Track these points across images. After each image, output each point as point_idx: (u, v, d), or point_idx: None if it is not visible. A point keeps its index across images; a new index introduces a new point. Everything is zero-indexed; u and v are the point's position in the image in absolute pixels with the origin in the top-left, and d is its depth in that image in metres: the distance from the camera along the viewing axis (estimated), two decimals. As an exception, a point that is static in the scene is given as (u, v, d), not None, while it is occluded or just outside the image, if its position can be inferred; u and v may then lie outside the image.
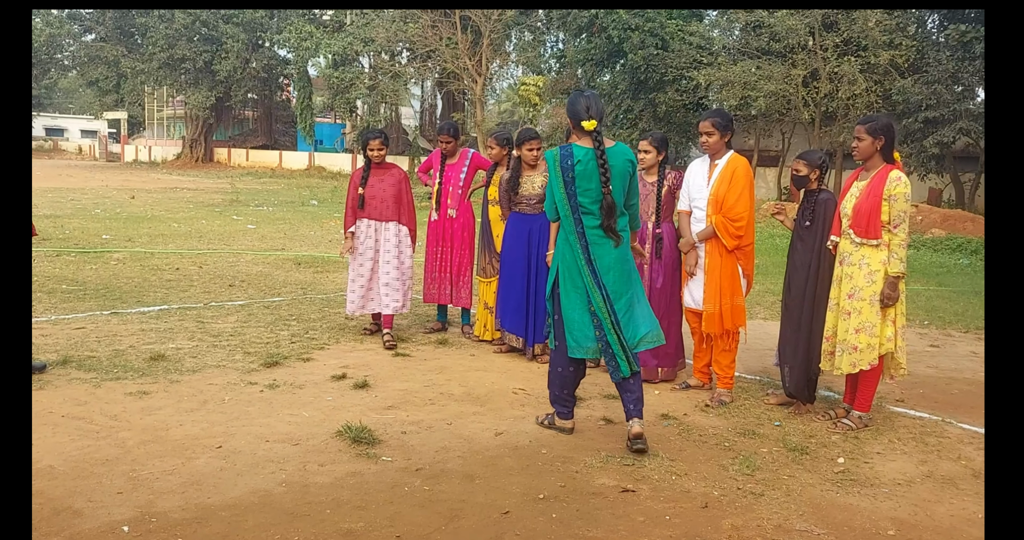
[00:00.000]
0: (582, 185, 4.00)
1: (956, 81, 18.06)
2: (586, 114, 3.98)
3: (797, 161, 4.83)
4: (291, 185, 28.60)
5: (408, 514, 3.25)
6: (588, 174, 3.98)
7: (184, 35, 36.84)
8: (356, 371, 5.23)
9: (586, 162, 3.98)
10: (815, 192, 4.78)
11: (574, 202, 4.02)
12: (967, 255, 13.85)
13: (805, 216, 4.76)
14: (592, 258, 4.05)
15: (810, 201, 4.77)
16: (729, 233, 4.84)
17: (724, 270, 4.90)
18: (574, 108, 4.03)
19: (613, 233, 4.04)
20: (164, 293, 7.72)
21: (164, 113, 48.48)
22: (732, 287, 4.91)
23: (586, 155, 3.99)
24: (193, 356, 5.45)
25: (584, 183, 3.99)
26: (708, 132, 4.93)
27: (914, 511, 3.47)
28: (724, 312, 4.91)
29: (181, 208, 17.80)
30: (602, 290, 4.05)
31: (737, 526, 3.26)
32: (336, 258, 10.52)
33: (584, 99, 4.04)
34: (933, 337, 7.23)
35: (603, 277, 4.05)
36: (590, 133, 4.00)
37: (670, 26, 23.06)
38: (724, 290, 4.90)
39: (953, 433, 4.53)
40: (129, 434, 3.98)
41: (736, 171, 4.87)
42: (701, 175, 5.01)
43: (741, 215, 4.81)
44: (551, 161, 4.09)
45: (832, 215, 4.67)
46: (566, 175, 4.01)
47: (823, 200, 4.72)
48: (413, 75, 34.63)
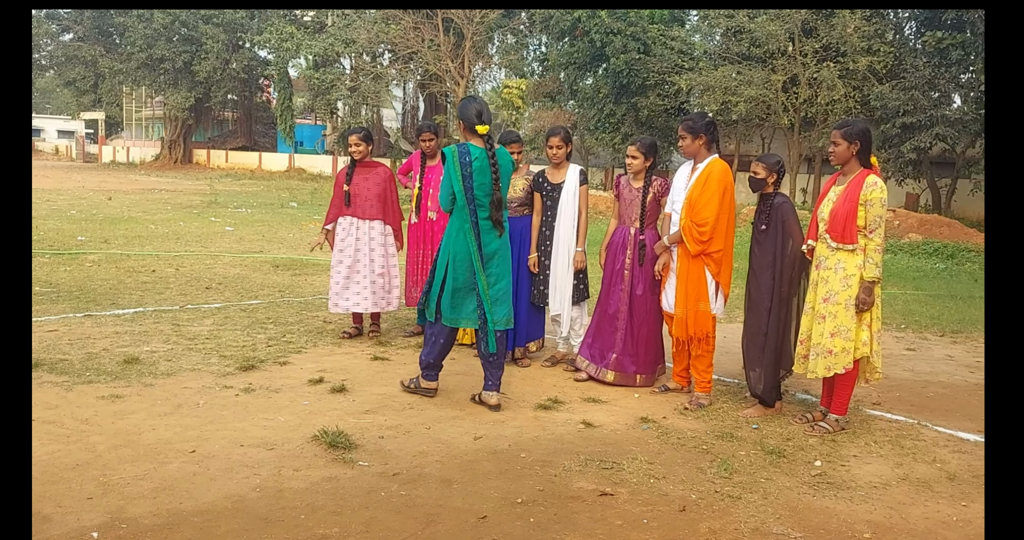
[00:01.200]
0: (478, 180, 4.54)
1: (932, 87, 18.28)
2: (478, 119, 4.56)
3: (755, 164, 4.85)
4: (271, 187, 28.41)
5: (384, 519, 3.21)
6: (482, 170, 4.55)
7: (163, 35, 36.53)
8: (334, 375, 5.19)
9: (482, 160, 4.55)
10: (771, 196, 4.82)
11: (470, 195, 4.55)
12: (943, 259, 13.99)
13: (761, 220, 4.79)
14: (482, 246, 4.61)
15: (766, 205, 4.80)
16: (693, 238, 4.82)
17: (691, 274, 4.89)
18: (467, 113, 4.59)
19: (499, 225, 4.64)
20: (139, 295, 7.63)
21: (143, 114, 48.05)
22: (697, 292, 4.89)
23: (482, 154, 4.56)
24: (168, 359, 5.38)
25: (479, 178, 4.54)
26: (681, 136, 4.95)
27: (890, 514, 3.49)
28: (689, 317, 4.91)
29: (159, 210, 17.63)
30: (486, 274, 4.62)
31: (714, 529, 3.25)
32: (315, 261, 10.45)
33: (476, 105, 4.60)
34: (909, 341, 7.29)
35: (487, 263, 4.62)
36: (483, 136, 4.58)
37: (652, 31, 23.18)
38: (689, 294, 4.90)
39: (929, 436, 4.57)
40: (100, 438, 3.91)
41: (711, 175, 4.83)
42: (683, 178, 5.01)
43: (706, 220, 4.77)
44: (450, 157, 4.57)
45: (788, 218, 4.71)
46: (464, 170, 4.53)
47: (778, 204, 4.76)
48: (395, 77, 34.57)
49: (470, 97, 4.75)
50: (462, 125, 4.64)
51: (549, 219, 5.65)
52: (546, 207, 5.67)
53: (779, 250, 4.71)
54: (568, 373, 5.54)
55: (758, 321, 4.79)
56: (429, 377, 4.88)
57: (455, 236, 4.64)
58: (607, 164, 28.31)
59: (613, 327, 5.26)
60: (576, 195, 5.58)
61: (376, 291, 6.17)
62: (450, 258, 4.64)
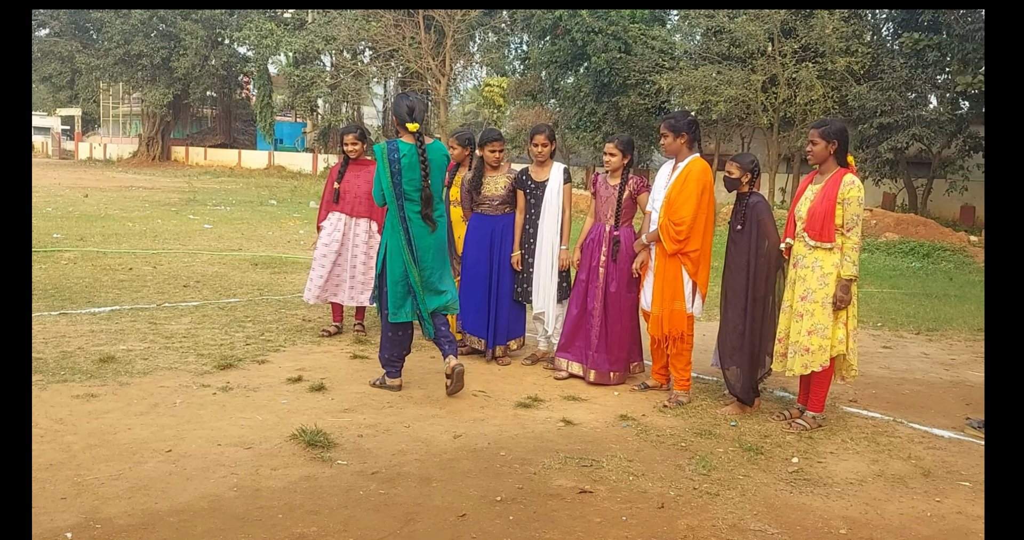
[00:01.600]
0: (407, 175, 4.64)
1: (909, 88, 18.47)
2: (409, 117, 4.62)
3: (730, 164, 4.87)
4: (250, 184, 28.19)
5: (362, 518, 3.20)
6: (412, 166, 4.63)
7: (141, 31, 36.11)
8: (312, 374, 5.16)
9: (410, 156, 4.63)
10: (747, 195, 4.84)
11: (399, 190, 4.66)
12: (919, 258, 14.16)
13: (736, 219, 4.82)
14: (411, 239, 4.71)
15: (741, 204, 4.82)
16: (670, 237, 4.81)
17: (667, 273, 4.89)
18: (399, 110, 4.67)
19: (430, 220, 4.72)
20: (116, 293, 7.55)
21: (120, 110, 47.52)
22: (673, 291, 4.89)
23: (410, 150, 4.64)
24: (144, 358, 5.33)
25: (408, 174, 4.64)
26: (663, 134, 4.95)
27: (865, 510, 3.52)
28: (665, 316, 4.91)
29: (136, 207, 17.44)
30: (418, 267, 4.73)
31: (693, 526, 3.27)
32: (294, 259, 10.39)
33: (408, 102, 4.66)
34: (886, 339, 7.37)
35: (419, 257, 4.73)
36: (413, 133, 4.65)
37: (633, 30, 23.25)
38: (665, 293, 4.90)
39: (904, 433, 4.62)
40: (75, 438, 3.87)
41: (690, 174, 4.83)
42: (663, 176, 5.01)
43: (683, 219, 4.76)
44: (379, 154, 4.69)
45: (763, 218, 4.74)
46: (393, 167, 4.64)
47: (754, 203, 4.79)
48: (375, 74, 34.44)
49: (404, 94, 4.87)
50: (395, 121, 4.77)
51: (533, 217, 5.65)
52: (530, 205, 5.67)
53: (754, 249, 4.73)
54: (548, 371, 5.54)
55: (734, 320, 4.81)
56: (391, 374, 4.96)
57: (388, 229, 4.80)
58: (588, 163, 28.36)
59: (588, 325, 5.27)
60: (560, 193, 5.59)
61: (355, 285, 6.21)
62: (387, 253, 4.79)
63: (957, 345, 7.23)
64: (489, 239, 5.69)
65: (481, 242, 5.71)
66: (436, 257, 4.81)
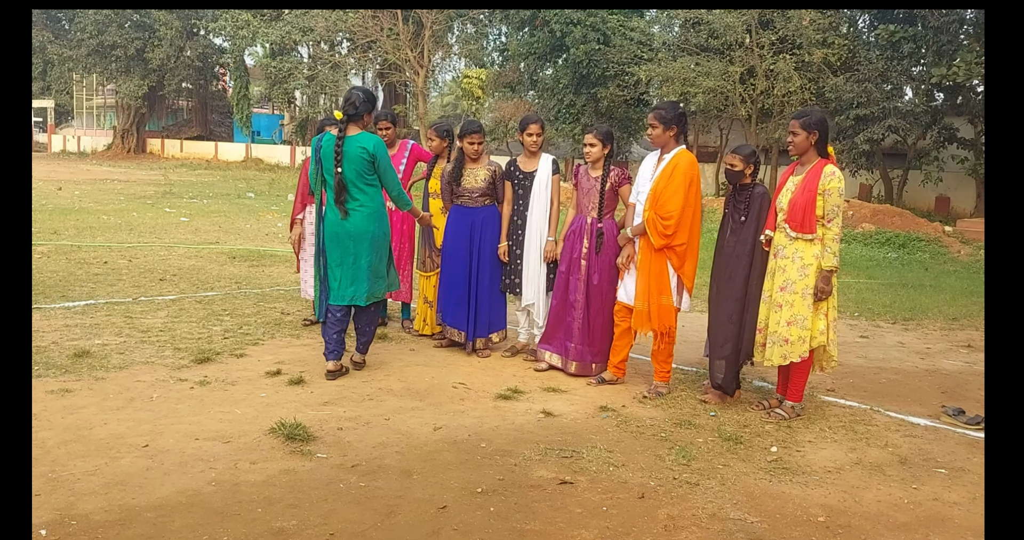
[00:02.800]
0: (324, 164, 4.91)
1: (885, 80, 18.62)
2: (340, 106, 5.02)
3: (731, 156, 4.84)
4: (227, 177, 27.93)
5: (343, 511, 3.19)
6: (327, 155, 4.89)
7: (114, 21, 35.62)
8: (291, 367, 5.12)
9: (327, 146, 4.89)
10: (749, 186, 4.82)
11: (319, 177, 4.95)
12: (895, 248, 14.31)
13: (740, 210, 4.80)
14: (324, 225, 4.96)
15: (744, 195, 4.80)
16: (657, 231, 4.75)
17: (653, 268, 4.84)
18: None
19: (341, 207, 4.88)
20: (91, 288, 7.44)
21: (94, 102, 46.81)
22: (660, 286, 4.84)
23: (329, 141, 4.90)
24: (120, 352, 5.26)
25: (325, 163, 4.90)
26: (651, 125, 4.88)
27: (843, 497, 3.56)
28: (652, 311, 4.85)
29: (111, 200, 17.22)
30: (325, 256, 4.96)
31: (673, 516, 3.28)
32: (273, 251, 10.31)
33: (349, 93, 5.00)
34: (863, 328, 7.44)
35: (327, 244, 4.95)
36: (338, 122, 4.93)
37: (611, 21, 23.24)
38: (652, 288, 4.84)
39: (881, 421, 4.67)
40: (49, 434, 3.81)
41: (677, 167, 4.77)
42: (648, 168, 4.96)
43: (671, 213, 4.71)
44: (312, 143, 5.04)
45: (764, 209, 4.73)
46: (315, 155, 4.95)
47: (758, 194, 4.77)
48: (353, 66, 34.19)
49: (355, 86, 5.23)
50: None
51: (521, 208, 5.61)
52: (517, 196, 5.63)
53: (753, 240, 4.69)
54: (528, 363, 5.54)
55: (728, 310, 4.77)
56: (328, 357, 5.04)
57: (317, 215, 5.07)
58: (567, 155, 28.35)
59: (571, 317, 5.26)
60: (548, 184, 5.56)
61: None
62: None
63: (933, 334, 7.32)
64: (469, 231, 5.66)
65: (461, 234, 5.68)
66: (338, 247, 4.93)
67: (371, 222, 4.94)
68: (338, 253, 4.93)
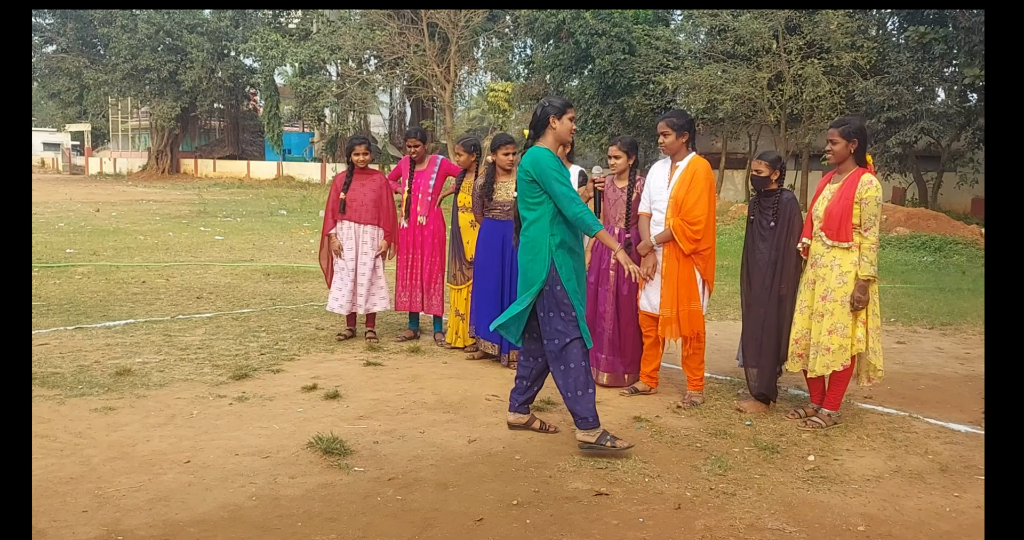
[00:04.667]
0: None
1: (916, 82, 18.40)
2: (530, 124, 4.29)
3: (758, 162, 4.84)
4: (259, 195, 28.33)
5: (380, 524, 3.22)
6: None
7: (148, 45, 36.41)
8: (327, 381, 5.19)
9: None
10: (777, 192, 4.81)
11: None
12: (931, 252, 14.08)
13: (768, 216, 4.79)
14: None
15: (772, 201, 4.79)
16: (687, 237, 4.76)
17: (681, 275, 4.84)
18: None
19: (517, 236, 4.32)
20: (130, 307, 7.60)
21: (129, 124, 47.86)
22: (689, 292, 4.84)
23: None
24: (160, 370, 5.37)
25: None
26: (664, 133, 4.88)
27: (883, 506, 3.51)
28: (681, 317, 4.83)
29: (147, 220, 17.57)
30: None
31: (710, 527, 3.27)
32: (306, 268, 10.44)
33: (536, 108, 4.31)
34: (899, 334, 7.33)
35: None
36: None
37: (636, 31, 23.25)
38: (681, 295, 4.83)
39: (920, 428, 4.60)
40: (94, 451, 3.90)
41: (696, 173, 4.79)
42: (662, 177, 4.95)
43: (699, 219, 4.73)
44: None
45: (794, 214, 4.72)
46: None
47: (787, 200, 4.77)
48: (381, 82, 34.59)
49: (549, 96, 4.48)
50: None
51: None
52: None
53: (783, 246, 4.71)
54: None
55: (763, 318, 4.76)
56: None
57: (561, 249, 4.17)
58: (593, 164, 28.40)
59: (600, 328, 5.26)
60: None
61: (362, 293, 6.31)
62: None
63: (972, 339, 7.19)
64: (501, 244, 5.70)
65: (493, 247, 5.73)
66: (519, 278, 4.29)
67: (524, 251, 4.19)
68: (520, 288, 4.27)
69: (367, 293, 6.31)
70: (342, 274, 6.31)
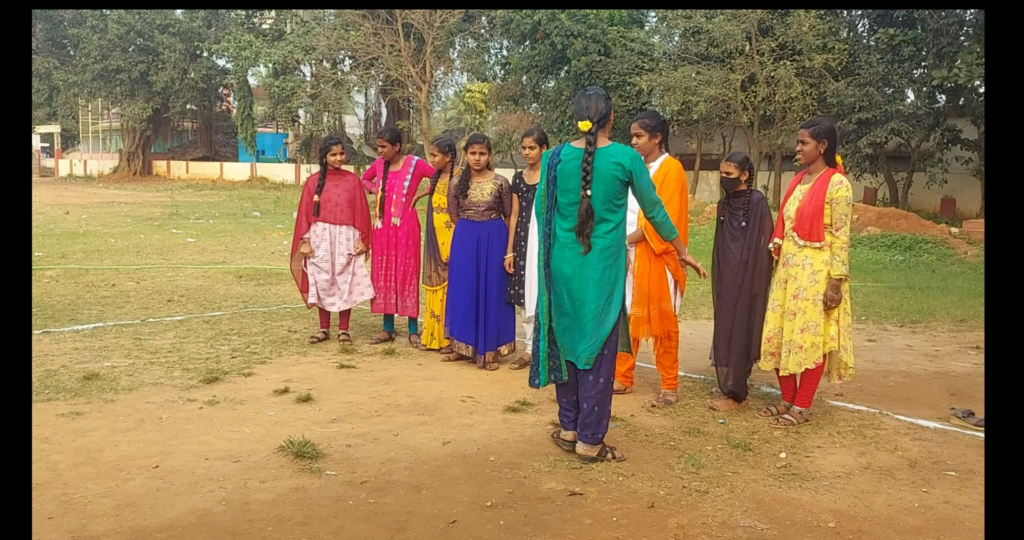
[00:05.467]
0: (562, 185, 3.92)
1: (886, 83, 18.64)
2: (583, 114, 3.89)
3: (727, 164, 4.87)
4: (233, 197, 28.08)
5: (352, 528, 3.19)
6: (568, 174, 3.89)
7: (118, 45, 35.93)
8: (299, 385, 5.14)
9: (568, 161, 3.91)
10: (747, 193, 4.85)
11: (551, 201, 3.98)
12: (901, 251, 14.27)
13: (739, 217, 4.82)
14: (550, 262, 3.98)
15: (742, 202, 4.83)
16: (657, 237, 4.73)
17: (652, 274, 4.84)
18: (575, 108, 3.97)
19: (584, 239, 3.88)
20: (99, 310, 7.49)
21: (99, 126, 47.20)
22: (660, 292, 4.85)
23: (571, 154, 3.92)
24: (129, 374, 5.29)
25: (564, 183, 3.91)
26: (637, 134, 4.89)
27: (853, 502, 3.54)
28: (652, 317, 4.86)
29: (118, 223, 17.34)
30: (549, 295, 3.99)
31: (683, 525, 3.28)
32: (279, 270, 10.35)
33: (584, 99, 3.94)
34: (870, 332, 7.42)
35: (556, 284, 3.96)
36: (584, 134, 3.90)
37: (612, 32, 23.35)
38: (652, 295, 4.84)
39: (890, 425, 4.65)
40: (61, 457, 3.83)
41: (668, 175, 4.80)
42: None
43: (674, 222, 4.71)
44: (544, 159, 4.07)
45: (765, 215, 4.76)
46: (549, 173, 3.97)
47: (756, 200, 4.81)
48: (356, 83, 34.42)
49: (583, 89, 4.06)
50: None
51: (524, 220, 5.63)
52: (522, 208, 5.65)
53: (754, 246, 4.74)
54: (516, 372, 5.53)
55: (734, 317, 4.79)
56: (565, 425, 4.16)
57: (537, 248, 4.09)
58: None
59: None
60: None
61: (344, 290, 6.34)
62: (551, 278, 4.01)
63: (941, 336, 7.29)
64: (475, 245, 5.69)
65: (468, 248, 5.71)
66: (582, 288, 3.89)
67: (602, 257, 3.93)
68: (584, 298, 3.91)
69: (348, 290, 6.32)
70: (321, 276, 6.28)
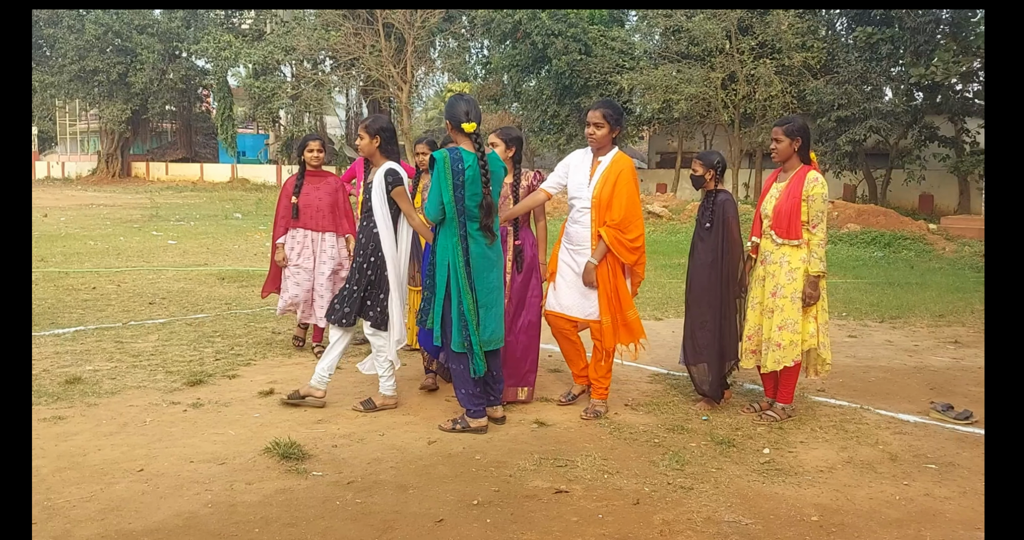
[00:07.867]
0: (470, 189, 4.20)
1: (865, 81, 18.84)
2: (466, 117, 4.21)
3: (694, 161, 4.90)
4: (213, 198, 27.90)
5: (340, 528, 3.20)
6: (474, 178, 4.21)
7: (96, 46, 35.61)
8: (284, 386, 5.12)
9: (474, 167, 4.21)
10: (714, 193, 4.87)
11: (461, 206, 4.21)
12: (881, 248, 14.42)
13: (705, 217, 4.85)
14: (470, 259, 4.25)
15: (709, 202, 4.86)
16: (627, 249, 4.50)
17: (616, 281, 4.57)
18: (453, 111, 4.25)
19: (490, 232, 4.30)
20: (80, 314, 7.43)
21: (77, 127, 46.79)
22: (625, 300, 4.59)
23: (473, 160, 4.21)
24: (112, 378, 5.26)
25: (472, 187, 4.20)
26: (597, 123, 4.50)
27: (836, 496, 3.59)
28: (618, 326, 4.59)
29: (97, 225, 17.18)
30: (473, 292, 4.26)
31: (668, 521, 3.31)
32: (262, 271, 10.29)
33: (464, 103, 4.27)
34: (851, 328, 7.50)
35: (476, 278, 4.26)
36: (470, 135, 4.23)
37: (592, 31, 23.43)
38: (613, 304, 4.57)
39: (871, 419, 4.71)
40: (43, 461, 3.80)
41: (622, 174, 4.48)
42: (583, 172, 4.60)
43: (630, 226, 4.48)
44: (441, 163, 4.19)
45: (730, 215, 4.77)
46: (456, 179, 4.18)
47: (722, 201, 4.82)
48: (337, 83, 34.30)
49: (458, 94, 4.37)
50: (449, 125, 4.31)
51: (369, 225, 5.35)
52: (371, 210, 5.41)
53: (722, 247, 4.77)
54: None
55: (702, 316, 4.82)
56: (474, 413, 4.35)
57: (446, 249, 4.28)
58: (552, 165, 28.53)
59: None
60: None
61: (322, 304, 5.92)
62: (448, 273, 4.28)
63: (920, 331, 7.38)
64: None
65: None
66: (497, 276, 4.40)
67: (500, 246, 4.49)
68: (497, 285, 4.37)
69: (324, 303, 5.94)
70: (299, 287, 5.92)
